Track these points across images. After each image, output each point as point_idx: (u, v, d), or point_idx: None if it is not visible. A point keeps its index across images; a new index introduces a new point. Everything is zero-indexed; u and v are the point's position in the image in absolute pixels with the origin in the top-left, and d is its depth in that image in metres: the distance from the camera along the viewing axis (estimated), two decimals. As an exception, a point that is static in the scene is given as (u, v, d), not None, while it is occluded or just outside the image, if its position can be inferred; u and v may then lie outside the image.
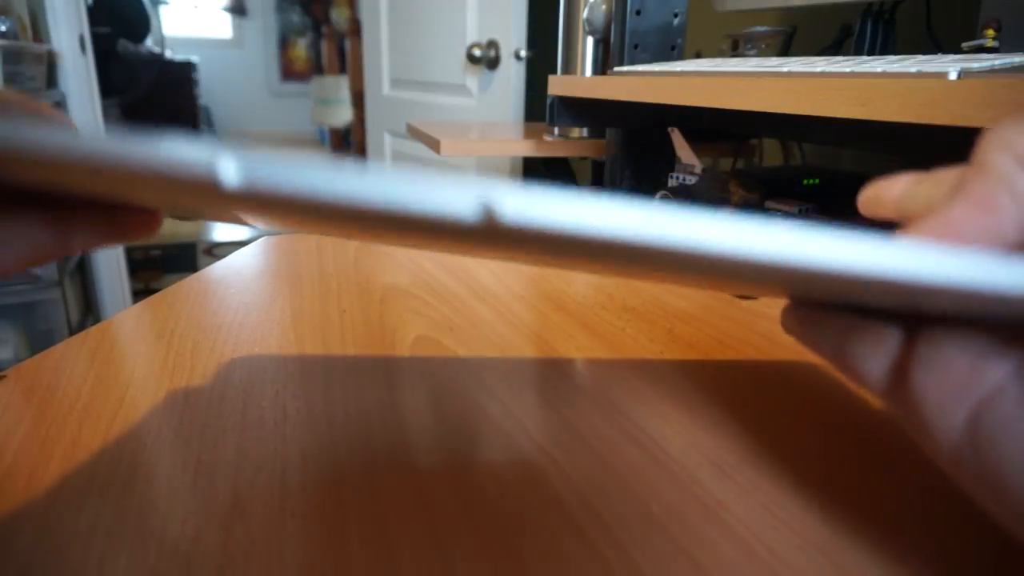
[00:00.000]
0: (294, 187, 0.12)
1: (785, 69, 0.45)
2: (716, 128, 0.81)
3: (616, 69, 0.70)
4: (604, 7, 0.98)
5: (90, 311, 2.07)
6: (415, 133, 1.14)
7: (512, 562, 0.21)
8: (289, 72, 6.76)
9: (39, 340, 1.79)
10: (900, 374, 0.18)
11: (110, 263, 2.09)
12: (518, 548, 0.21)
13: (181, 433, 0.28)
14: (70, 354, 0.37)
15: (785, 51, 0.89)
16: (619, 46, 0.78)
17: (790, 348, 0.38)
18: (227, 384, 0.32)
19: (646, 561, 0.21)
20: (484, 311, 0.43)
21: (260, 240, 0.60)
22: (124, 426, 0.28)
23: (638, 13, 0.76)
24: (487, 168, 1.63)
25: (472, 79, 1.64)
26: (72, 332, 1.81)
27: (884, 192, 0.23)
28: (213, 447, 0.27)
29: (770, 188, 0.66)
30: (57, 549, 0.21)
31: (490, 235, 0.15)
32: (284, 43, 6.66)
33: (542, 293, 0.47)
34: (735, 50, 0.89)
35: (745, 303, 0.46)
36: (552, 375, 0.34)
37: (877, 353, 0.19)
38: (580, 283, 0.49)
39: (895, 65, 0.39)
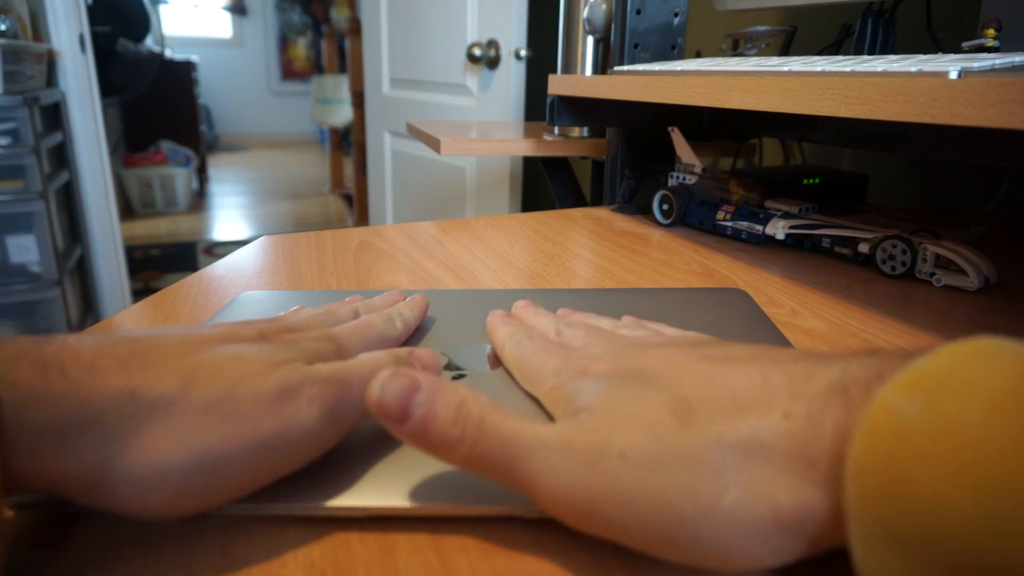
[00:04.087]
0: None
1: (785, 68, 0.45)
2: (716, 128, 0.81)
3: (616, 68, 0.70)
4: (604, 7, 0.98)
5: (90, 311, 2.07)
6: (415, 133, 1.14)
7: (509, 560, 0.20)
8: (289, 71, 6.77)
9: (39, 339, 1.79)
10: None
11: (110, 263, 2.09)
12: (515, 545, 0.21)
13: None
14: (70, 353, 0.36)
15: (785, 50, 0.89)
16: (619, 45, 0.78)
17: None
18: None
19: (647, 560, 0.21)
20: (484, 310, 0.43)
21: (260, 239, 0.60)
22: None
23: (638, 12, 0.76)
24: (487, 168, 1.63)
25: (472, 79, 1.64)
26: (72, 332, 1.81)
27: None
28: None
29: (770, 188, 0.66)
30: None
31: None
32: (284, 43, 6.67)
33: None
34: (735, 49, 0.89)
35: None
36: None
37: None
38: (580, 283, 0.49)
39: (895, 64, 0.39)
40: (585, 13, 1.00)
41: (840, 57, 0.49)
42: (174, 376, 0.20)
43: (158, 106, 3.88)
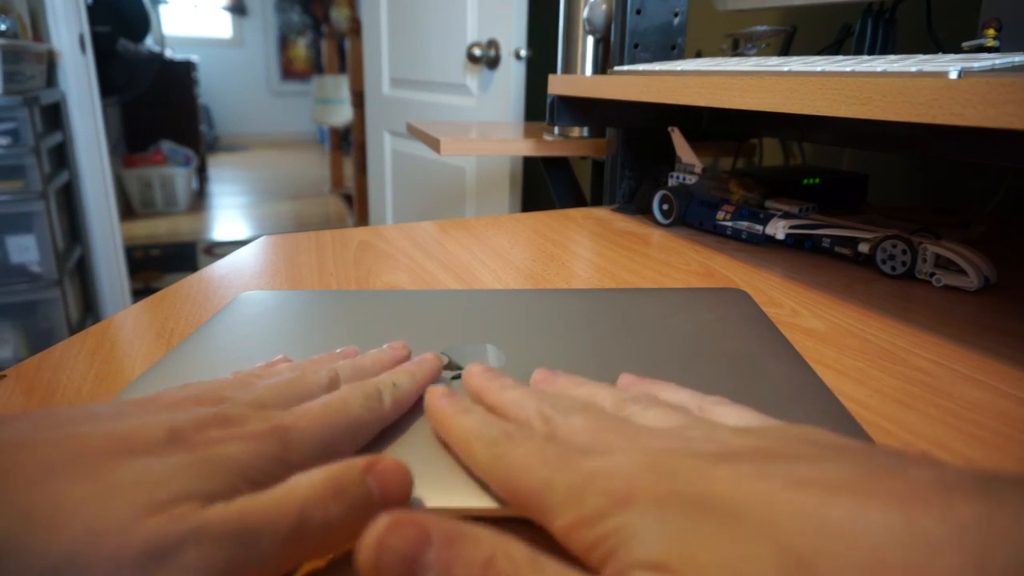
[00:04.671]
0: None
1: (785, 68, 0.45)
2: (716, 128, 0.81)
3: (616, 68, 0.70)
4: (604, 6, 0.98)
5: (90, 311, 2.07)
6: (415, 132, 1.14)
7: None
8: (289, 71, 6.77)
9: (39, 339, 1.80)
10: None
11: (110, 263, 2.09)
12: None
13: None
14: (70, 353, 0.37)
15: (785, 50, 0.89)
16: (619, 45, 0.78)
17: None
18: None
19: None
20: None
21: (260, 239, 0.60)
22: (124, 425, 0.28)
23: (638, 12, 0.76)
24: (487, 168, 1.63)
25: (472, 79, 1.64)
26: (72, 331, 1.81)
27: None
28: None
29: (770, 188, 0.66)
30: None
31: None
32: (284, 42, 6.67)
33: (542, 292, 0.47)
34: (735, 49, 0.89)
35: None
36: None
37: None
38: (580, 283, 0.49)
39: (895, 64, 0.39)
40: (585, 13, 1.00)
41: (840, 57, 0.49)
42: (4, 523, 0.15)
43: (158, 106, 3.88)
